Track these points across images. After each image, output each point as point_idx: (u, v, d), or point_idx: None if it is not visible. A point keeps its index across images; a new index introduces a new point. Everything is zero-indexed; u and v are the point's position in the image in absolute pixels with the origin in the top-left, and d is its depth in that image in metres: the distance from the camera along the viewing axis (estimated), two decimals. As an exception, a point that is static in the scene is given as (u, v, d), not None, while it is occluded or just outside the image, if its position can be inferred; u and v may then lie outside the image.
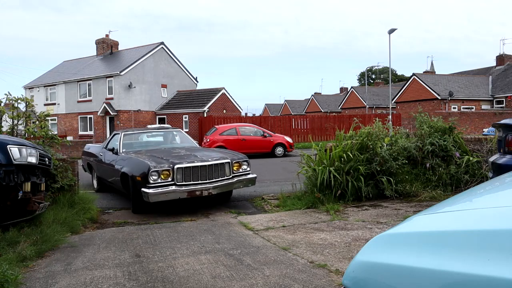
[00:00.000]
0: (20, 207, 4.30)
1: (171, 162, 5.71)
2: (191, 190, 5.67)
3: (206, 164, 5.85)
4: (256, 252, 3.84)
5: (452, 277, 0.94)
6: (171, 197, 5.55)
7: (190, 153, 6.38)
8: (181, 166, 5.67)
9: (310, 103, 55.62)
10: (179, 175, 5.64)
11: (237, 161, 6.34)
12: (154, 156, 6.19)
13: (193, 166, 5.74)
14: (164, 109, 28.96)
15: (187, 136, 8.33)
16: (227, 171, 6.10)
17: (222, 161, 6.07)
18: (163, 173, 5.55)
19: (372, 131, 6.67)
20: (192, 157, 6.05)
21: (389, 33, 23.41)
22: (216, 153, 6.60)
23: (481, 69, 37.75)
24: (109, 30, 55.24)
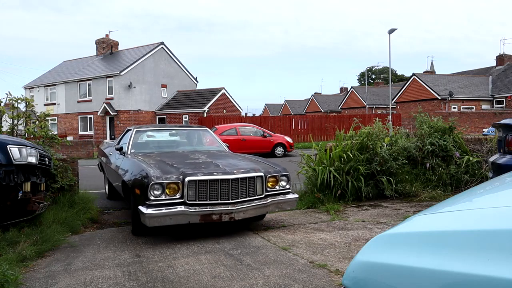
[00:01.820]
0: (20, 207, 4.30)
1: (181, 172, 4.25)
2: (206, 213, 4.19)
3: (230, 178, 4.30)
4: (256, 252, 3.84)
5: (452, 277, 0.94)
6: (178, 220, 4.14)
7: (210, 161, 4.87)
8: (194, 178, 4.19)
9: (310, 103, 55.63)
10: (191, 191, 4.19)
11: (273, 175, 4.72)
12: (163, 162, 4.75)
13: (211, 180, 4.25)
14: (164, 109, 28.97)
15: (215, 137, 6.71)
16: (258, 188, 4.55)
17: (253, 175, 4.49)
18: (169, 187, 4.14)
19: (372, 131, 6.67)
20: (211, 167, 4.54)
21: (389, 33, 23.42)
22: (246, 161, 5.06)
23: (481, 69, 37.75)
24: (109, 30, 55.28)
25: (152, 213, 4.01)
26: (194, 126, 6.95)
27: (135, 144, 5.87)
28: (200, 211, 4.19)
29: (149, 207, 4.06)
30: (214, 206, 4.26)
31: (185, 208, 4.16)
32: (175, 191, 4.19)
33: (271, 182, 4.73)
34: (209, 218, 4.23)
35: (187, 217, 4.16)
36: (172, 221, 4.13)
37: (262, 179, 4.60)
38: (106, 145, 7.38)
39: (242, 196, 4.41)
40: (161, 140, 6.71)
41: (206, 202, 4.26)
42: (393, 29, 23.35)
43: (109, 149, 6.72)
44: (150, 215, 4.01)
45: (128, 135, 6.05)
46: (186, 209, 4.14)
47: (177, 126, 7.00)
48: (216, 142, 6.53)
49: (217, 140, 6.57)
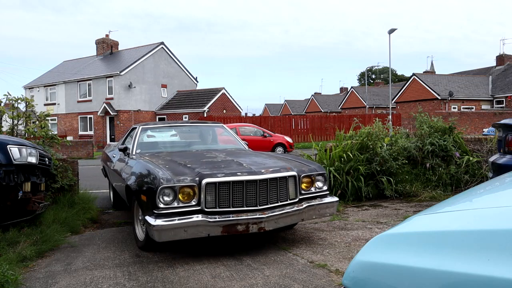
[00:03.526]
0: (20, 207, 4.30)
1: (197, 173, 3.53)
2: (229, 223, 3.43)
3: (257, 178, 3.56)
4: (256, 252, 3.84)
5: (452, 277, 0.94)
6: (195, 233, 3.38)
7: (231, 159, 4.14)
8: (214, 180, 3.46)
9: (310, 103, 55.63)
10: (209, 196, 3.45)
11: (307, 174, 3.97)
12: (174, 162, 4.02)
13: (235, 182, 3.51)
14: (164, 109, 28.98)
15: (232, 134, 5.91)
16: (291, 190, 3.81)
17: (284, 174, 3.75)
18: (182, 192, 3.42)
19: (372, 131, 6.67)
20: (233, 166, 3.81)
21: (389, 33, 23.42)
22: (273, 159, 4.29)
23: (481, 69, 37.75)
24: (109, 30, 55.29)
25: (162, 225, 3.26)
26: (208, 122, 6.13)
27: (142, 143, 5.18)
28: (223, 221, 3.40)
29: (158, 217, 3.31)
30: (239, 214, 3.49)
31: (203, 217, 3.38)
32: (190, 196, 3.44)
33: (306, 183, 3.98)
34: (233, 229, 3.44)
35: (206, 229, 3.38)
36: (187, 234, 3.34)
37: (295, 179, 3.84)
38: (111, 148, 6.68)
39: (273, 201, 3.65)
40: (171, 138, 6.04)
41: (228, 210, 3.48)
42: (393, 29, 23.35)
43: (113, 151, 5.99)
44: (159, 227, 3.25)
45: (133, 134, 5.33)
46: (205, 219, 3.37)
47: (189, 122, 6.21)
48: (234, 140, 5.76)
49: (235, 138, 5.80)
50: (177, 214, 3.39)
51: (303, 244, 4.09)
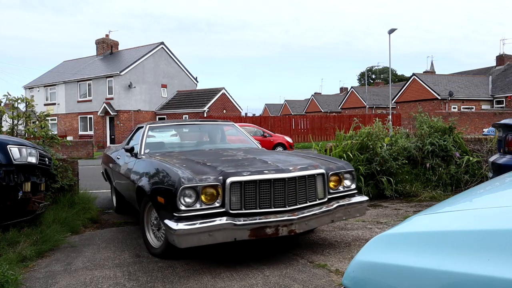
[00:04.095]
0: (20, 207, 4.30)
1: (220, 172, 3.28)
2: (257, 226, 3.17)
3: (286, 177, 3.33)
4: (256, 252, 3.84)
5: (452, 277, 0.94)
6: (220, 238, 3.12)
7: (253, 157, 3.91)
8: (239, 179, 3.21)
9: (310, 103, 55.64)
10: (234, 197, 3.21)
11: (336, 172, 3.75)
12: (191, 160, 3.78)
13: (262, 180, 3.27)
14: (164, 109, 28.98)
15: (244, 133, 5.61)
16: (319, 189, 3.59)
17: (313, 172, 3.52)
18: (205, 192, 3.18)
19: (372, 131, 6.67)
20: (258, 163, 3.57)
21: (389, 33, 23.42)
22: (297, 157, 4.05)
23: (481, 69, 37.77)
24: (109, 30, 55.29)
25: (185, 229, 2.98)
26: (218, 120, 5.90)
27: (150, 142, 4.91)
28: (251, 223, 3.13)
29: (179, 221, 3.05)
30: (267, 216, 3.23)
31: (228, 220, 3.11)
32: (213, 197, 3.18)
33: (333, 181, 3.75)
34: (261, 232, 3.18)
35: (232, 233, 3.11)
36: (212, 239, 3.07)
37: (324, 177, 3.60)
38: (113, 149, 6.33)
39: (301, 201, 3.42)
40: (180, 137, 5.70)
41: (255, 211, 3.23)
42: (393, 29, 23.36)
43: (117, 152, 5.67)
44: (182, 232, 2.97)
45: (140, 134, 5.05)
46: (231, 222, 3.10)
47: (198, 121, 5.92)
48: (246, 138, 5.47)
49: (247, 136, 5.51)
50: (200, 216, 3.12)
51: (303, 244, 4.09)
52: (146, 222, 3.92)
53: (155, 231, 3.80)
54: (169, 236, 3.15)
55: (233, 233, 3.13)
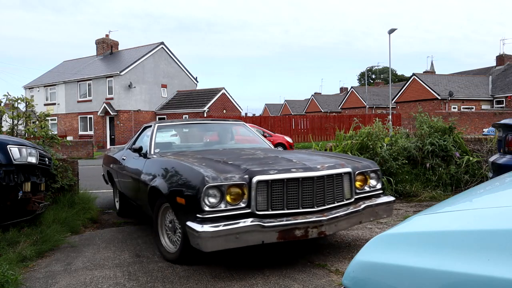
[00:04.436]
0: (20, 207, 4.30)
1: (244, 170, 3.12)
2: (286, 228, 3.00)
3: (314, 175, 3.17)
4: (255, 252, 3.84)
5: (452, 277, 0.94)
6: (247, 241, 2.94)
7: (276, 155, 3.79)
8: (266, 178, 3.04)
9: (310, 103, 55.64)
10: (261, 196, 3.03)
11: (362, 171, 3.59)
12: (210, 159, 3.62)
13: (290, 179, 3.10)
14: (164, 109, 28.99)
15: (256, 133, 5.50)
16: (346, 189, 3.43)
17: (340, 171, 3.36)
18: (230, 192, 3.00)
19: (372, 131, 6.67)
20: (282, 161, 3.43)
21: (389, 33, 23.43)
22: (322, 156, 3.86)
23: (481, 69, 37.77)
24: (109, 30, 55.30)
25: (211, 232, 2.79)
26: (228, 120, 5.75)
27: (160, 143, 4.73)
28: (279, 225, 2.96)
29: (203, 223, 2.87)
30: (295, 216, 3.07)
31: (255, 221, 2.93)
32: (239, 197, 3.01)
33: (359, 181, 3.59)
34: (290, 234, 3.02)
35: (260, 235, 2.94)
36: (238, 242, 2.90)
37: (350, 177, 3.44)
38: (115, 150, 6.13)
39: (329, 201, 3.27)
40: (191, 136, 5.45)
41: (282, 212, 3.07)
42: (393, 29, 23.36)
43: (122, 153, 5.46)
44: (208, 234, 2.79)
45: (148, 133, 4.88)
46: (258, 223, 2.92)
47: (209, 120, 5.70)
48: (258, 139, 5.32)
49: (259, 137, 5.39)
50: (224, 218, 2.93)
51: (303, 243, 4.09)
52: (161, 225, 3.71)
53: (170, 234, 3.60)
54: (192, 240, 2.94)
55: (261, 235, 2.95)
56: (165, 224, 3.66)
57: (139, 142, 5.10)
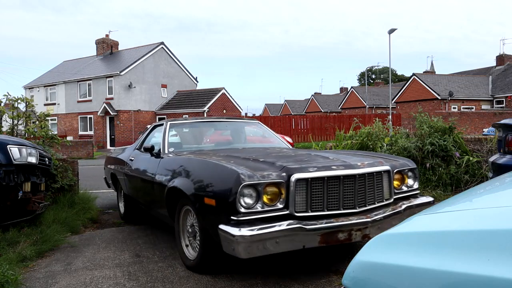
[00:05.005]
0: (20, 207, 4.31)
1: (281, 168, 2.86)
2: (329, 231, 2.75)
3: (356, 173, 2.92)
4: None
5: (452, 277, 0.94)
6: (287, 245, 2.68)
7: (308, 153, 3.61)
8: (306, 176, 2.78)
9: (310, 103, 55.64)
10: (299, 196, 2.78)
11: (399, 169, 3.38)
12: (236, 157, 3.41)
13: (331, 177, 2.85)
14: (164, 109, 29.00)
15: (271, 132, 5.22)
16: (385, 189, 3.20)
17: (380, 169, 3.12)
18: (267, 191, 2.74)
19: (372, 131, 6.67)
20: (319, 159, 3.20)
21: (389, 33, 23.43)
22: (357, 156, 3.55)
23: (481, 69, 37.78)
24: (109, 30, 55.30)
25: (250, 236, 2.51)
26: (243, 118, 5.44)
27: (174, 142, 4.49)
28: (322, 227, 2.71)
29: (240, 226, 2.59)
30: (337, 218, 2.82)
31: (295, 223, 2.67)
32: (276, 197, 2.76)
33: (397, 180, 3.37)
34: (333, 238, 2.77)
35: (301, 239, 2.69)
36: (278, 247, 2.64)
37: (389, 175, 3.20)
38: (119, 152, 5.85)
39: (370, 201, 3.03)
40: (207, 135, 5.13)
41: (323, 214, 2.82)
42: (393, 29, 23.36)
43: (128, 153, 5.16)
44: (247, 239, 2.50)
45: (159, 132, 4.66)
46: (300, 226, 2.66)
47: (224, 118, 5.33)
48: (277, 139, 5.05)
49: (277, 137, 5.13)
50: (260, 221, 2.67)
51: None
52: (182, 230, 3.47)
53: (190, 239, 3.37)
54: (226, 245, 2.65)
55: (302, 239, 2.69)
56: (185, 228, 3.43)
57: (148, 142, 4.86)
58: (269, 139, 5.02)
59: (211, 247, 2.99)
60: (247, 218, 2.66)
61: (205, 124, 5.22)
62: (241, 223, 2.62)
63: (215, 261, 3.12)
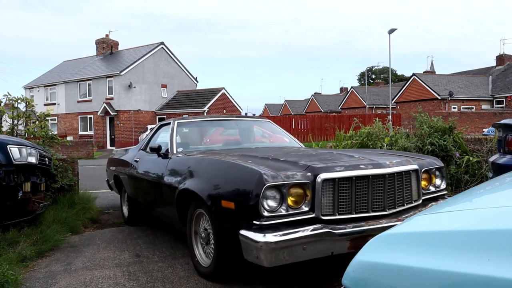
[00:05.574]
0: (20, 207, 4.31)
1: (305, 167, 2.64)
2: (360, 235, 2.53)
3: (386, 172, 2.71)
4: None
5: (452, 277, 0.94)
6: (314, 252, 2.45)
7: (330, 151, 3.42)
8: (333, 176, 2.57)
9: (310, 103, 55.64)
10: (325, 198, 2.57)
11: (427, 168, 3.18)
12: (254, 156, 3.20)
13: (358, 177, 2.64)
14: (164, 109, 29.00)
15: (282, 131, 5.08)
16: (414, 189, 2.99)
17: (408, 168, 2.91)
18: (291, 193, 2.52)
19: (372, 131, 6.67)
20: (344, 158, 2.99)
21: (389, 33, 23.43)
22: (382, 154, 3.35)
23: (481, 69, 37.78)
24: (109, 30, 55.29)
25: (275, 242, 2.31)
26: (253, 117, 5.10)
27: (182, 142, 4.25)
28: (352, 232, 2.51)
29: (264, 231, 2.38)
30: (366, 221, 2.62)
31: (324, 228, 2.46)
32: (301, 199, 2.54)
33: (424, 180, 3.18)
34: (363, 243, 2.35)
35: (329, 245, 2.47)
36: (306, 254, 2.41)
37: (417, 175, 3.00)
38: (122, 152, 5.64)
39: (399, 203, 2.83)
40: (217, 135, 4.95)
41: (351, 217, 2.60)
42: (393, 29, 23.36)
43: (132, 154, 4.98)
44: (272, 245, 2.30)
45: (166, 131, 4.48)
46: (329, 230, 2.44)
47: (234, 116, 5.09)
48: (289, 138, 4.91)
49: (289, 136, 4.96)
50: (284, 225, 2.45)
51: (303, 244, 4.09)
52: (194, 234, 3.28)
53: (203, 245, 3.17)
54: (248, 253, 2.44)
55: (330, 245, 2.47)
56: (198, 233, 3.23)
57: (153, 142, 4.68)
58: (281, 138, 4.78)
59: (227, 253, 2.77)
60: (270, 223, 2.43)
61: (214, 123, 5.01)
62: (265, 228, 2.41)
63: (231, 269, 2.90)
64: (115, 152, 6.01)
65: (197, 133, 4.69)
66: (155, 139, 4.74)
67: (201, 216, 3.17)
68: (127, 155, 5.20)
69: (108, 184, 6.18)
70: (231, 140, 4.70)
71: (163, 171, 3.73)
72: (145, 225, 5.17)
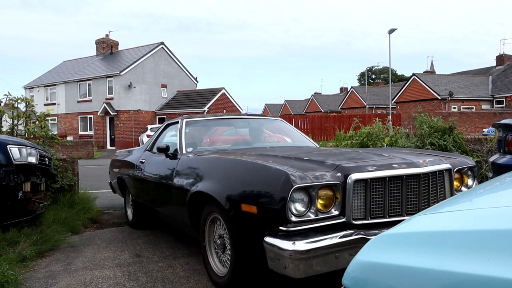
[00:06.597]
0: (20, 207, 4.31)
1: (334, 167, 2.40)
2: None
3: (421, 171, 2.50)
4: (256, 252, 3.83)
5: (452, 277, 0.94)
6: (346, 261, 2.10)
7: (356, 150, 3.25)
8: (365, 176, 2.35)
9: (310, 103, 55.64)
10: (357, 200, 2.35)
11: (459, 168, 2.95)
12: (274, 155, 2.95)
13: (392, 177, 2.42)
14: (164, 109, 29.00)
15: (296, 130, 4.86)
16: (447, 189, 2.79)
17: (442, 167, 2.71)
18: (320, 195, 2.30)
19: (372, 131, 6.67)
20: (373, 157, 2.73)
21: (389, 33, 23.43)
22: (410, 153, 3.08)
23: (481, 69, 37.78)
24: (109, 30, 55.28)
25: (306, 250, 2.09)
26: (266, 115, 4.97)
27: (192, 140, 4.02)
28: None
29: (292, 238, 2.16)
30: None
31: (358, 233, 2.25)
32: (330, 202, 2.33)
33: (456, 180, 2.96)
34: None
35: None
36: (337, 263, 2.20)
37: (450, 174, 2.80)
38: (126, 153, 5.40)
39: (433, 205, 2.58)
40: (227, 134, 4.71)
41: (384, 221, 2.38)
42: (393, 29, 23.37)
43: (137, 155, 4.77)
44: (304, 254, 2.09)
45: (173, 131, 4.29)
46: (364, 236, 2.23)
47: (245, 115, 4.91)
48: (304, 138, 4.66)
49: (303, 136, 4.73)
50: (313, 231, 2.22)
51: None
52: (209, 241, 3.06)
53: (219, 253, 2.95)
54: (275, 262, 2.23)
55: None
56: (212, 239, 3.03)
57: (160, 142, 4.45)
58: (296, 137, 4.56)
59: (247, 262, 2.55)
60: (298, 229, 2.20)
61: (224, 121, 4.75)
62: (292, 235, 2.18)
63: (250, 279, 2.66)
64: (118, 153, 5.81)
65: (207, 132, 4.48)
66: (162, 139, 4.52)
67: (216, 221, 2.95)
68: (132, 156, 5.00)
69: (111, 186, 5.99)
70: (243, 140, 4.47)
71: (172, 172, 3.53)
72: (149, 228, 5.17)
